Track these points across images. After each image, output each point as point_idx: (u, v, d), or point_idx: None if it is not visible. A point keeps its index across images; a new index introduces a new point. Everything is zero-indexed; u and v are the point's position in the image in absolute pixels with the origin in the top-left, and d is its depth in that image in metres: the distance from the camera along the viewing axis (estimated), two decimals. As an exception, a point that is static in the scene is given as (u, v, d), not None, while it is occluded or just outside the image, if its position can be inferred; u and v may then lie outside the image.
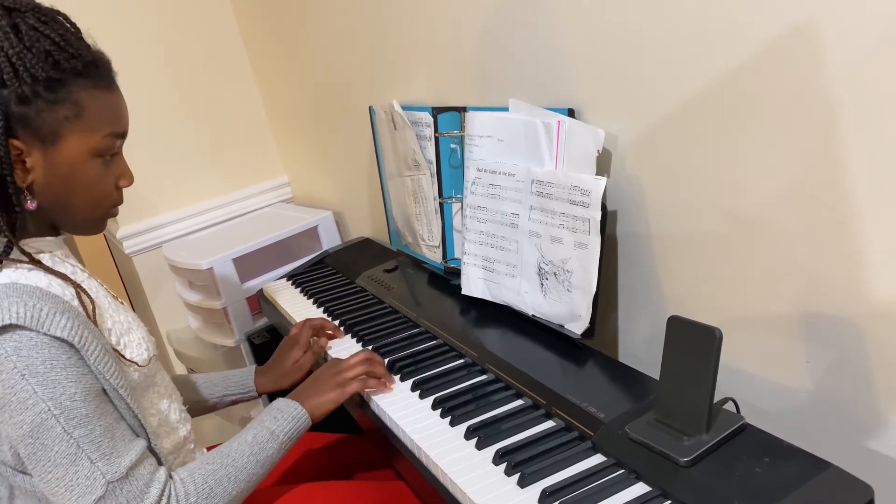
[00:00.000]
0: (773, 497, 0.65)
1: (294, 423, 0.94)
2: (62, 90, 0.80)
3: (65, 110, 0.80)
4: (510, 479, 0.78)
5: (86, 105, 0.82)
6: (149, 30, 1.91)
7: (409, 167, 1.33)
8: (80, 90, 0.81)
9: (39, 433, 0.75)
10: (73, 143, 0.82)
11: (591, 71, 0.96)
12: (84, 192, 0.85)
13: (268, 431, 0.91)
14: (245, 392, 1.18)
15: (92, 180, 0.85)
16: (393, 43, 1.40)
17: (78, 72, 0.81)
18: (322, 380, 1.01)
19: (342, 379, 1.00)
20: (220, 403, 1.17)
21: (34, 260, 0.82)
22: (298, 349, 1.18)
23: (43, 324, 0.75)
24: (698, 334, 0.74)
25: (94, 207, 0.88)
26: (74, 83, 0.81)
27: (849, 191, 0.71)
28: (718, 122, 0.81)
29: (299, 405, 0.95)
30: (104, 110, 0.84)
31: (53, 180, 0.82)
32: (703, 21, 0.79)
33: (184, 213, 2.05)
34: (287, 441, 0.93)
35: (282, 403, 0.96)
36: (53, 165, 0.82)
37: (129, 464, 0.78)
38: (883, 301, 0.72)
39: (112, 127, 0.85)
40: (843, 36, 0.67)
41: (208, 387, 1.17)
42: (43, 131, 0.80)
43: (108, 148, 0.85)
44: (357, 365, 1.02)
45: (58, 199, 0.84)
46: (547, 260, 1.02)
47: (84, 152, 0.83)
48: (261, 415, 0.95)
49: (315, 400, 0.98)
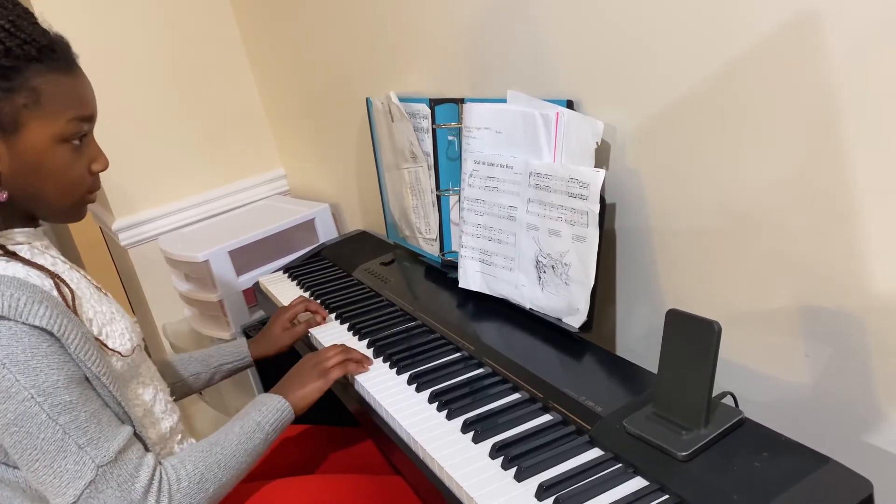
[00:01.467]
0: (772, 491, 0.65)
1: (278, 414, 0.95)
2: (17, 77, 0.78)
3: (22, 98, 0.79)
4: (507, 473, 0.77)
5: (44, 91, 0.80)
6: (145, 22, 1.89)
7: (406, 159, 1.32)
8: (37, 76, 0.80)
9: (24, 421, 0.74)
10: (35, 130, 0.80)
11: (591, 62, 0.95)
12: (55, 180, 0.84)
13: (254, 423, 0.92)
14: (241, 359, 1.22)
15: (62, 167, 0.84)
16: (390, 33, 1.39)
17: (32, 57, 0.79)
18: (303, 372, 1.02)
19: (322, 368, 1.02)
20: (218, 374, 1.21)
21: (10, 252, 0.81)
22: (290, 318, 1.24)
23: (21, 313, 0.74)
24: (697, 327, 0.74)
25: (67, 194, 0.86)
26: (29, 69, 0.79)
27: (849, 184, 0.71)
28: (718, 114, 0.81)
29: (282, 398, 0.97)
30: (64, 95, 0.82)
31: (22, 170, 0.81)
32: (704, 13, 0.78)
33: (180, 206, 2.04)
34: (272, 432, 0.93)
35: (265, 397, 0.97)
36: (19, 155, 0.81)
37: (117, 448, 0.78)
38: (883, 295, 0.72)
39: (75, 111, 0.83)
40: (844, 29, 0.66)
41: (204, 360, 1.20)
42: (2, 121, 0.78)
43: (74, 132, 0.84)
44: (335, 353, 1.05)
45: (29, 188, 0.83)
46: (545, 253, 1.01)
47: (48, 139, 0.81)
48: (245, 409, 0.96)
49: (298, 392, 0.99)
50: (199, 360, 1.20)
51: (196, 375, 1.18)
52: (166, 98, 1.98)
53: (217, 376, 1.21)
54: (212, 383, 1.21)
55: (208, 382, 1.21)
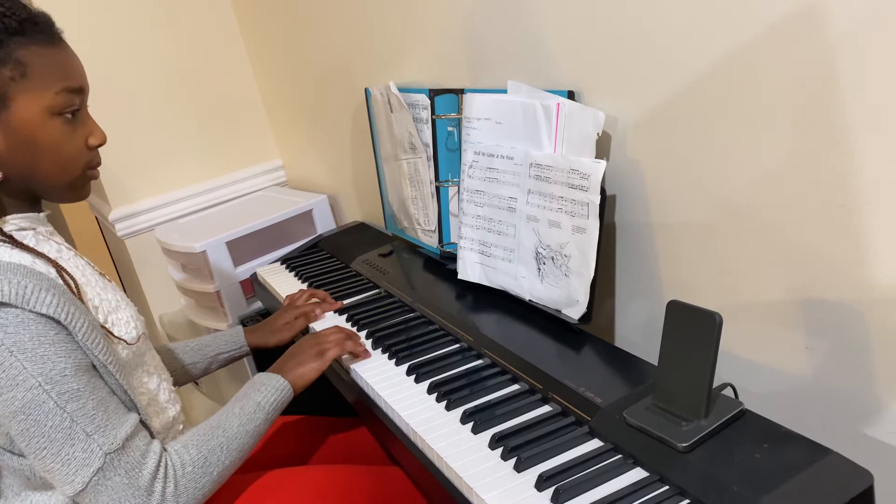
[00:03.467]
0: (772, 483, 0.65)
1: (278, 393, 0.95)
2: (0, 51, 0.78)
3: (7, 71, 0.78)
4: (506, 464, 0.77)
5: (29, 62, 0.80)
6: (143, 11, 1.88)
7: (405, 150, 1.31)
8: (20, 48, 0.79)
9: (31, 409, 0.74)
10: (24, 104, 0.80)
11: (592, 52, 0.95)
12: (51, 155, 0.83)
13: (254, 403, 0.92)
14: (238, 347, 1.21)
15: (56, 141, 0.83)
16: (390, 23, 1.38)
17: (14, 30, 0.79)
18: (301, 351, 1.03)
19: (320, 348, 1.02)
20: (214, 363, 1.21)
21: (14, 239, 0.81)
22: (292, 311, 1.23)
23: (28, 301, 0.74)
24: (698, 319, 0.74)
25: (66, 171, 0.86)
26: (11, 41, 0.79)
27: (850, 176, 0.70)
28: (720, 106, 0.80)
29: (280, 377, 0.97)
30: (50, 66, 0.81)
31: (16, 146, 0.81)
32: (707, 3, 0.77)
33: (177, 196, 2.03)
34: (272, 412, 0.94)
35: (263, 377, 0.97)
36: (12, 131, 0.80)
37: (124, 435, 0.78)
38: (883, 287, 0.71)
39: (63, 82, 0.82)
40: (845, 19, 0.66)
41: (200, 349, 1.20)
42: None
43: (65, 105, 0.83)
44: (332, 334, 1.05)
45: (26, 166, 0.83)
46: (545, 244, 1.01)
47: (39, 112, 0.81)
48: (243, 389, 0.95)
49: (296, 371, 0.99)
50: (195, 349, 1.20)
51: (193, 364, 1.18)
52: (164, 88, 1.96)
53: (213, 365, 1.21)
54: (208, 372, 1.21)
55: (205, 371, 1.20)
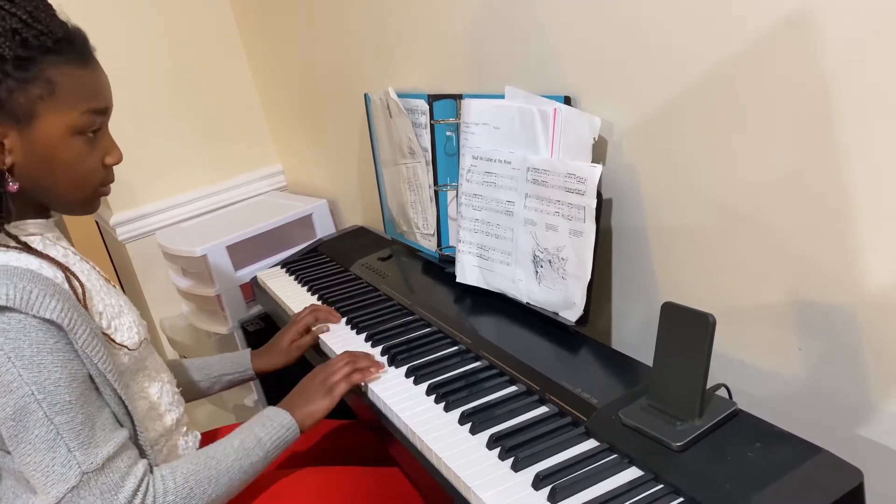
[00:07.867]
0: (764, 481, 0.66)
1: (283, 432, 0.93)
2: (33, 68, 0.78)
3: (37, 89, 0.79)
4: (504, 464, 0.78)
5: (59, 82, 0.80)
6: (144, 17, 1.89)
7: (404, 155, 1.33)
8: (52, 67, 0.79)
9: (21, 416, 0.75)
10: (49, 121, 0.80)
11: (588, 58, 0.96)
12: (67, 172, 0.84)
13: (255, 438, 0.91)
14: (242, 371, 1.19)
15: (74, 159, 0.84)
16: (389, 29, 1.39)
17: (48, 49, 0.79)
18: (309, 388, 1.00)
19: (329, 384, 0.99)
20: (217, 384, 1.18)
21: (22, 243, 0.82)
22: (298, 330, 1.20)
23: (32, 306, 0.75)
24: (692, 320, 0.75)
25: (80, 187, 0.86)
26: (45, 60, 0.79)
27: (843, 181, 0.71)
28: (715, 111, 0.82)
29: (289, 415, 0.94)
30: (79, 87, 0.82)
31: (34, 161, 0.81)
32: (701, 10, 0.79)
33: (178, 201, 2.04)
34: (273, 450, 0.92)
35: (272, 412, 0.95)
36: (32, 146, 0.81)
37: (106, 455, 0.77)
38: (875, 290, 0.73)
39: (89, 103, 0.83)
40: (839, 26, 0.67)
41: (204, 368, 1.18)
42: (17, 111, 0.78)
43: (88, 125, 0.83)
44: (340, 366, 1.02)
45: (42, 179, 0.83)
46: (542, 247, 1.02)
47: (62, 131, 0.81)
48: (250, 421, 0.94)
49: (305, 409, 0.97)
50: (201, 367, 1.18)
51: (198, 382, 1.17)
52: (165, 94, 1.98)
53: (217, 386, 1.19)
54: (210, 393, 1.19)
55: (208, 390, 1.18)
